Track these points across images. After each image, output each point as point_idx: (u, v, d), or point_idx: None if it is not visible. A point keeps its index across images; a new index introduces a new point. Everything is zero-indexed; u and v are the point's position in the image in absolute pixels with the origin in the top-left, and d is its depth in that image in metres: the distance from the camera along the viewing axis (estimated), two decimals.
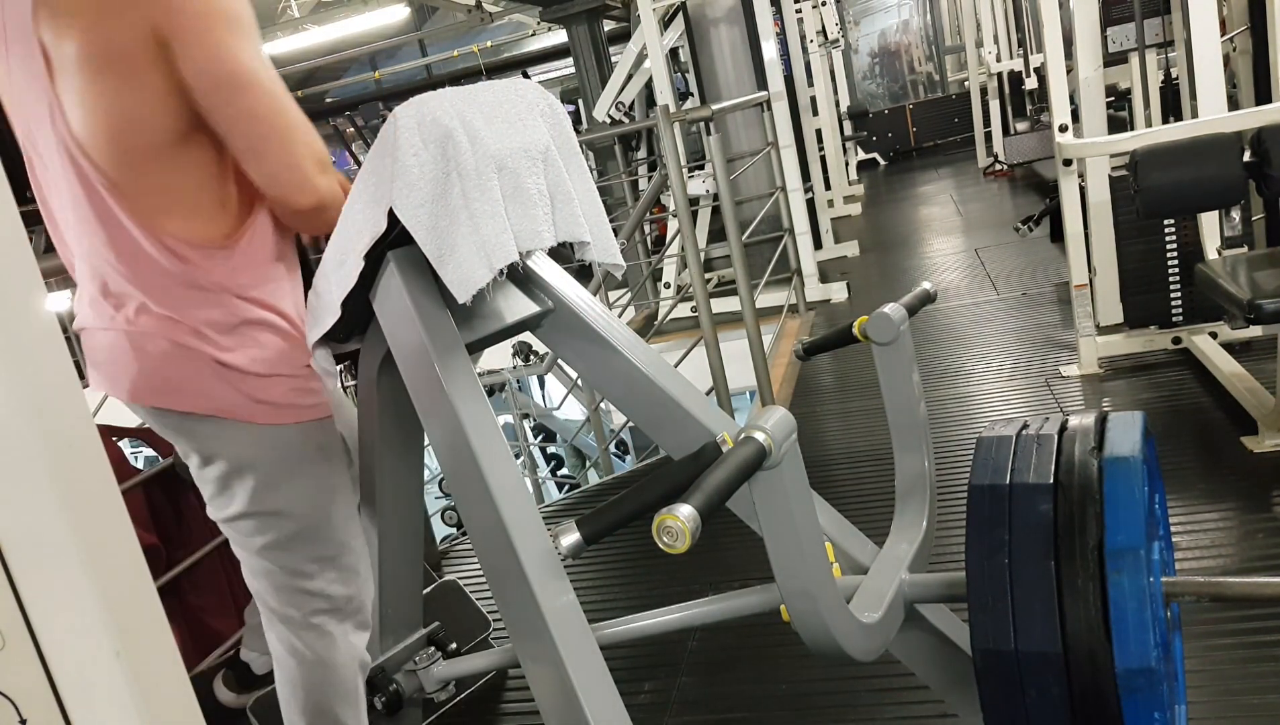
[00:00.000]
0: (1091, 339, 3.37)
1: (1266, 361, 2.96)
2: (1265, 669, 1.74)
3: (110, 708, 0.70)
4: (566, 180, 1.25)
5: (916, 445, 1.37)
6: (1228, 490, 2.41)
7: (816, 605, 1.05)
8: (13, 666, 0.69)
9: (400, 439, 1.52)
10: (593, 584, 2.67)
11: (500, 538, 1.14)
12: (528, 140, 1.21)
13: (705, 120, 3.58)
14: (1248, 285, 2.43)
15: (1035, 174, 8.01)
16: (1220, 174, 2.64)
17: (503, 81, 1.28)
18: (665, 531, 0.81)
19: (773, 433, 0.93)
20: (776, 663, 2.07)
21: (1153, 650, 0.94)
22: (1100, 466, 1.01)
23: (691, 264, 3.28)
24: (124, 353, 1.30)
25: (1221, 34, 3.33)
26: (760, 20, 5.76)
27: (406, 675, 1.68)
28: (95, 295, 1.32)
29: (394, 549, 1.61)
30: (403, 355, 1.26)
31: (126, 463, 2.24)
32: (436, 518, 6.61)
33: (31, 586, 0.69)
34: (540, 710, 1.14)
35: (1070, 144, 3.21)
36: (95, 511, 0.71)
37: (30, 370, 0.68)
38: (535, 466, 7.81)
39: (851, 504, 2.76)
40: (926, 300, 1.43)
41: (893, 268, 6.22)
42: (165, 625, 0.76)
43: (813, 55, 8.30)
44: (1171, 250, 3.28)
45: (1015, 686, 1.00)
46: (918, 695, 1.82)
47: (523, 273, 1.36)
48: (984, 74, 8.99)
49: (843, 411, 3.69)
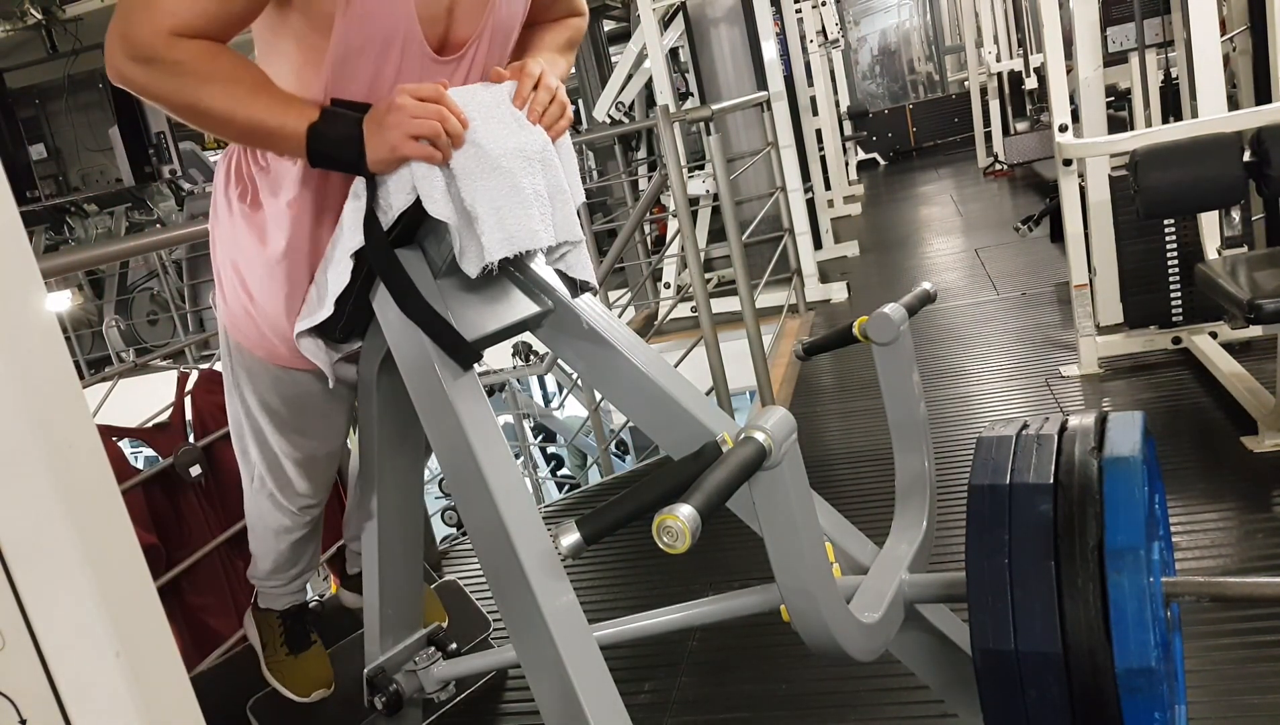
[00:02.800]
0: (1091, 339, 3.37)
1: (1266, 361, 2.96)
2: (1265, 669, 1.74)
3: (110, 708, 0.70)
4: (564, 181, 1.25)
5: (916, 445, 1.37)
6: (1228, 490, 2.41)
7: (816, 605, 1.05)
8: (13, 666, 0.69)
9: (400, 439, 1.52)
10: (593, 584, 2.67)
11: (500, 538, 1.14)
12: (525, 140, 1.21)
13: (705, 120, 3.58)
14: (1248, 285, 2.43)
15: (1035, 174, 8.00)
16: (1220, 174, 2.64)
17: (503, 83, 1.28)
18: (665, 531, 0.81)
19: (773, 433, 0.93)
20: (776, 663, 2.07)
21: (1153, 650, 0.94)
22: (1100, 466, 1.01)
23: (691, 264, 3.28)
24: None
25: (1221, 34, 3.33)
26: (760, 20, 5.77)
27: (406, 675, 1.68)
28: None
29: (394, 549, 1.61)
30: (403, 355, 1.26)
31: (126, 463, 2.24)
32: (436, 518, 6.60)
33: (31, 586, 0.69)
34: (540, 710, 1.14)
35: (1070, 144, 3.21)
36: (95, 511, 0.71)
37: (30, 370, 0.68)
38: (535, 466, 7.82)
39: (851, 504, 2.76)
40: (926, 300, 1.43)
41: (893, 268, 6.22)
42: (165, 625, 0.76)
43: (813, 55, 8.30)
44: (1171, 250, 3.28)
45: (1015, 686, 1.00)
46: (918, 695, 1.82)
47: (523, 273, 1.36)
48: (984, 74, 8.99)
49: (843, 411, 3.69)
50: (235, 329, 1.42)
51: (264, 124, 1.15)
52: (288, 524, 1.62)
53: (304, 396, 1.47)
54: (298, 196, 1.26)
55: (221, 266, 1.38)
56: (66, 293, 7.86)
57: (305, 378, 1.44)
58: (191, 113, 1.15)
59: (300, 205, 1.27)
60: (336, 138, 1.15)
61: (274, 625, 1.78)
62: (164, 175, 7.20)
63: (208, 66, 1.11)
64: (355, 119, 1.16)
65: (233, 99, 1.13)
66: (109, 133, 7.06)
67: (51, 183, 7.58)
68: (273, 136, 1.17)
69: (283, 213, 1.27)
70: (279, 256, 1.29)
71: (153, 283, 8.34)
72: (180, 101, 1.14)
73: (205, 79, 1.12)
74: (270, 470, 1.55)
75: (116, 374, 3.01)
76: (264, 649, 1.79)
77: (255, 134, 1.18)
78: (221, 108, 1.13)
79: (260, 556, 1.70)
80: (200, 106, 1.14)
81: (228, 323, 1.43)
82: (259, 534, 1.67)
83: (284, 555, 1.69)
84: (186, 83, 1.12)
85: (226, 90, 1.13)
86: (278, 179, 1.27)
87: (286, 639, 1.78)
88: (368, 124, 1.15)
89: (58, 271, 2.45)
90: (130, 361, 6.87)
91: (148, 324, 8.41)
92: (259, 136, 1.19)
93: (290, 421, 1.50)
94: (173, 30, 1.08)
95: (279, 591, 1.75)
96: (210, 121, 1.16)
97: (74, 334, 8.20)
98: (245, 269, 1.33)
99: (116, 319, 8.31)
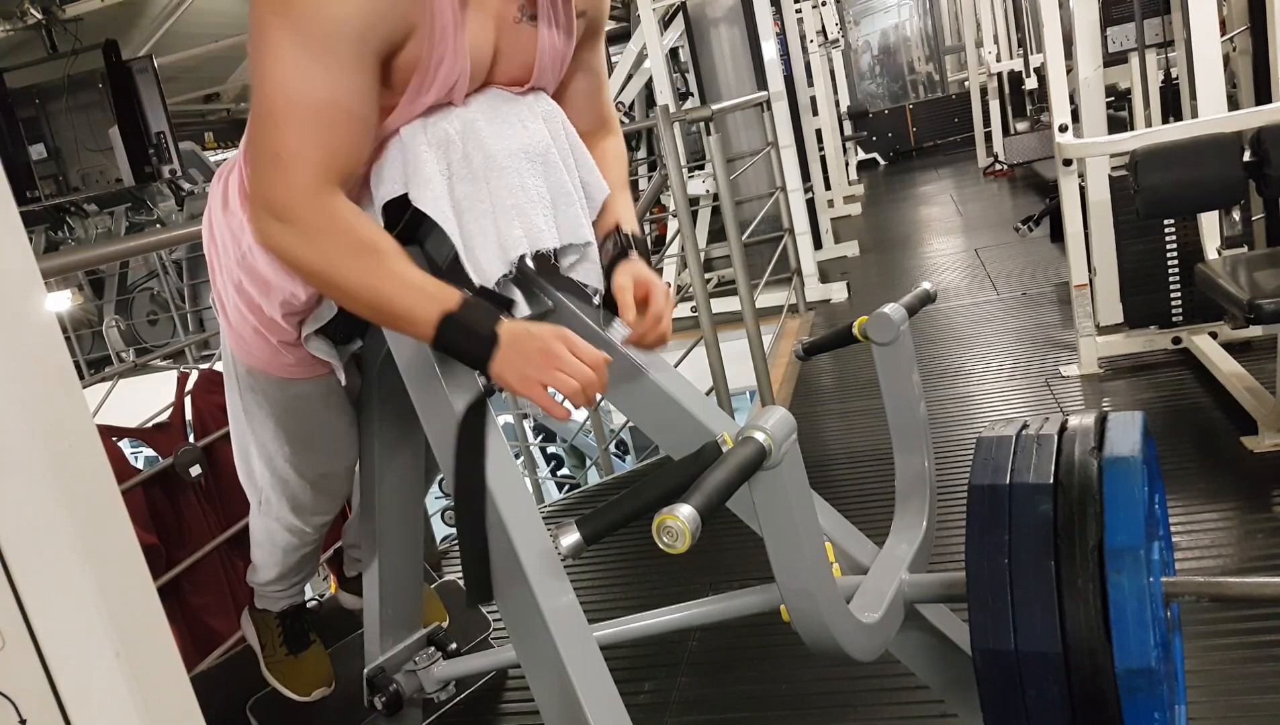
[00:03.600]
0: (1091, 339, 3.37)
1: (1266, 361, 2.96)
2: (1265, 669, 1.74)
3: (110, 708, 0.70)
4: (567, 181, 1.25)
5: (916, 445, 1.37)
6: (1228, 490, 2.41)
7: (816, 605, 1.05)
8: (13, 666, 0.69)
9: (400, 439, 1.52)
10: (593, 584, 2.67)
11: (500, 538, 1.14)
12: (527, 141, 1.21)
13: (705, 120, 3.58)
14: (1248, 285, 2.43)
15: (1035, 174, 8.01)
16: (1220, 174, 2.64)
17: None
18: (665, 531, 0.81)
19: (773, 433, 0.93)
20: (776, 663, 2.07)
21: (1153, 650, 0.94)
22: (1100, 466, 1.01)
23: (691, 264, 3.28)
24: None
25: (1221, 34, 3.33)
26: (760, 20, 5.77)
27: (406, 675, 1.68)
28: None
29: (394, 549, 1.61)
30: (403, 355, 1.26)
31: (126, 463, 2.23)
32: (436, 518, 6.60)
33: (31, 586, 0.69)
34: (540, 710, 1.14)
35: (1070, 144, 3.21)
36: (95, 511, 0.71)
37: (30, 370, 0.68)
38: (535, 466, 7.81)
39: (851, 504, 2.76)
40: (926, 300, 1.43)
41: (893, 268, 6.21)
42: (165, 625, 0.76)
43: (813, 55, 8.30)
44: (1171, 250, 3.28)
45: (1015, 686, 1.00)
46: (918, 695, 1.82)
47: (523, 273, 1.36)
48: (984, 74, 9.00)
49: (843, 411, 3.69)
50: (243, 351, 1.39)
51: (392, 306, 1.11)
52: (296, 543, 1.62)
53: (317, 412, 1.45)
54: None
55: (223, 290, 1.35)
56: (66, 293, 7.87)
57: (317, 393, 1.43)
58: (324, 281, 1.13)
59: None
60: (472, 332, 1.11)
61: (272, 626, 1.78)
62: (164, 175, 7.19)
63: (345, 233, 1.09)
64: (495, 318, 1.12)
65: (367, 273, 1.10)
66: (109, 133, 7.06)
67: (51, 183, 7.57)
68: (398, 319, 1.14)
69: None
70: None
71: (153, 283, 8.34)
72: (316, 267, 1.11)
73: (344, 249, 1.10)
74: (284, 491, 1.53)
75: (116, 374, 3.02)
76: (263, 649, 1.79)
77: (381, 313, 1.15)
78: (356, 283, 1.11)
79: (263, 567, 1.69)
80: (336, 277, 1.11)
81: (234, 346, 1.40)
82: (266, 550, 1.65)
83: (289, 567, 1.68)
84: (325, 249, 1.09)
85: (362, 263, 1.10)
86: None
87: (285, 639, 1.78)
88: (509, 338, 1.10)
89: (58, 271, 2.45)
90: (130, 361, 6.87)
91: (148, 324, 8.41)
92: (384, 315, 1.16)
93: (304, 440, 1.48)
94: (310, 184, 1.07)
95: (278, 595, 1.75)
96: (341, 292, 1.14)
97: (74, 334, 8.21)
98: (254, 289, 1.30)
99: (116, 319, 8.31)
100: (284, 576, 1.71)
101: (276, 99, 1.06)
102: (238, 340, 1.38)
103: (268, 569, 1.69)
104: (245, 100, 10.50)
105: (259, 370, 1.40)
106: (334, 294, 1.16)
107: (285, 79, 1.05)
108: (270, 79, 1.05)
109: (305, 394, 1.42)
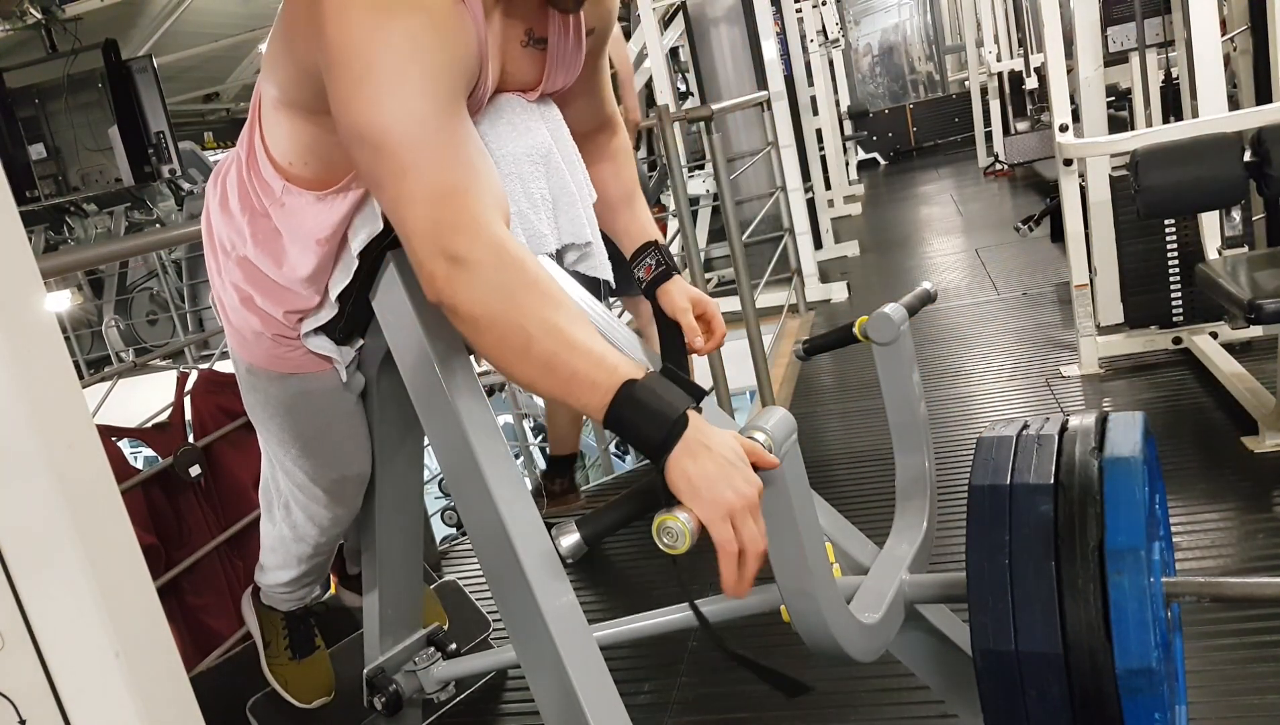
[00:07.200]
0: (1092, 339, 3.37)
1: (1267, 361, 2.96)
2: (1265, 669, 1.74)
3: (110, 708, 0.70)
4: (569, 182, 1.25)
5: (917, 445, 1.37)
6: (1228, 490, 2.41)
7: (816, 605, 1.05)
8: (13, 666, 0.69)
9: (400, 439, 1.52)
10: (593, 584, 2.67)
11: (500, 538, 1.14)
12: (530, 144, 1.21)
13: (705, 120, 3.58)
14: (1248, 285, 2.43)
15: (1035, 174, 8.01)
16: (1220, 174, 2.64)
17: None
18: (665, 532, 0.81)
19: (773, 433, 0.93)
20: (776, 663, 2.06)
21: (1153, 650, 0.94)
22: (1101, 467, 1.01)
23: (691, 264, 3.28)
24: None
25: (1222, 34, 3.33)
26: (760, 20, 5.76)
27: (406, 675, 1.68)
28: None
29: (394, 549, 1.61)
30: (402, 355, 1.26)
31: (126, 463, 2.23)
32: (436, 518, 6.60)
33: (31, 586, 0.69)
34: (540, 711, 1.14)
35: (1070, 144, 3.21)
36: (95, 511, 0.71)
37: (30, 370, 0.68)
38: (535, 466, 7.81)
39: (851, 504, 2.76)
40: (926, 300, 1.43)
41: (893, 267, 6.21)
42: (165, 625, 0.76)
43: (813, 55, 8.30)
44: (1172, 250, 3.28)
45: (1015, 687, 1.00)
46: (918, 695, 1.82)
47: None
48: (984, 74, 9.00)
49: (843, 411, 3.69)
50: (246, 351, 1.39)
51: (576, 373, 0.93)
52: (309, 552, 1.61)
53: (320, 412, 1.44)
54: (330, 236, 1.22)
55: (221, 292, 1.34)
56: (66, 293, 7.87)
57: (318, 391, 1.42)
58: (505, 323, 0.96)
59: (332, 241, 1.23)
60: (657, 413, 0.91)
61: (278, 625, 1.77)
62: (164, 175, 7.19)
63: (523, 264, 0.96)
64: (687, 403, 0.92)
65: (546, 305, 0.95)
66: (109, 132, 7.06)
67: (51, 182, 7.57)
68: (570, 389, 0.95)
69: (310, 246, 1.23)
70: (302, 277, 1.26)
71: (152, 283, 8.34)
72: (496, 309, 0.95)
73: (525, 284, 0.96)
74: (294, 498, 1.52)
75: (116, 374, 3.02)
76: (266, 647, 1.78)
77: (556, 364, 0.95)
78: (535, 317, 0.95)
79: (273, 569, 1.68)
80: (518, 316, 0.95)
81: (237, 347, 1.40)
82: (280, 556, 1.64)
83: (303, 571, 1.67)
84: (508, 283, 0.95)
85: (540, 296, 0.96)
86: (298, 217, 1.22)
87: (291, 642, 1.77)
88: (694, 433, 0.90)
89: (58, 271, 2.45)
90: (130, 361, 6.88)
91: (147, 324, 8.41)
92: (559, 385, 0.96)
93: (308, 442, 1.47)
94: (484, 215, 0.96)
95: (287, 597, 1.74)
96: (521, 335, 0.95)
97: (74, 334, 8.21)
98: (256, 291, 1.30)
99: (116, 319, 8.32)
100: (294, 581, 1.69)
101: (415, 136, 0.99)
102: (239, 339, 1.38)
103: (279, 572, 1.68)
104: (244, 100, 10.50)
105: (259, 368, 1.40)
106: (513, 339, 0.96)
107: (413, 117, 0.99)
108: (396, 121, 0.98)
109: (307, 391, 1.42)
